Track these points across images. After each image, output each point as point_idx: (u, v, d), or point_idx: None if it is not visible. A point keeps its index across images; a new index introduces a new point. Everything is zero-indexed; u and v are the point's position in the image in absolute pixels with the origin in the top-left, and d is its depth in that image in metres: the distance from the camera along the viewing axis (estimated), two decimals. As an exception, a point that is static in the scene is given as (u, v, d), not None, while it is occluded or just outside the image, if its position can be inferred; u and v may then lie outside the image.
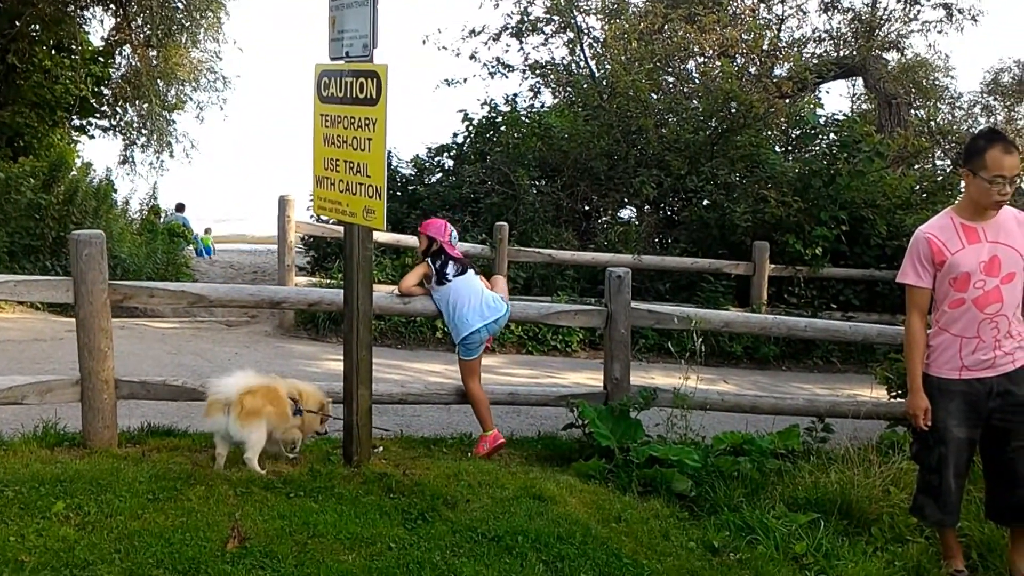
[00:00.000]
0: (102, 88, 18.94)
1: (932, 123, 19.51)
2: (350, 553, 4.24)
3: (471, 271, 6.40)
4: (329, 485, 5.04)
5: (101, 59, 18.49)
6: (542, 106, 17.24)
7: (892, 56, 19.88)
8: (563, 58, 18.84)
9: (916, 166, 16.27)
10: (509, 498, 5.18)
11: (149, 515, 4.41)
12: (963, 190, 4.75)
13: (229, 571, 3.93)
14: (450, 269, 6.27)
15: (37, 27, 16.20)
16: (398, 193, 14.76)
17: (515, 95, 16.86)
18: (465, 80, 18.66)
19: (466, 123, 15.75)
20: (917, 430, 4.67)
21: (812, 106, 15.13)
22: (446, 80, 18.57)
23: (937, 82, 23.02)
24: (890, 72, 18.43)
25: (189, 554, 4.03)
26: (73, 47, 17.49)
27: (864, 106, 21.95)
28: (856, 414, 6.90)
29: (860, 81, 20.75)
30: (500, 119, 15.76)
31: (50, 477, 4.75)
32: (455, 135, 16.05)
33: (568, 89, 17.87)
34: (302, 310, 10.18)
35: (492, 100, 16.04)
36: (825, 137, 14.22)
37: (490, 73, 18.77)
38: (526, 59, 18.56)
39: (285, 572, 3.99)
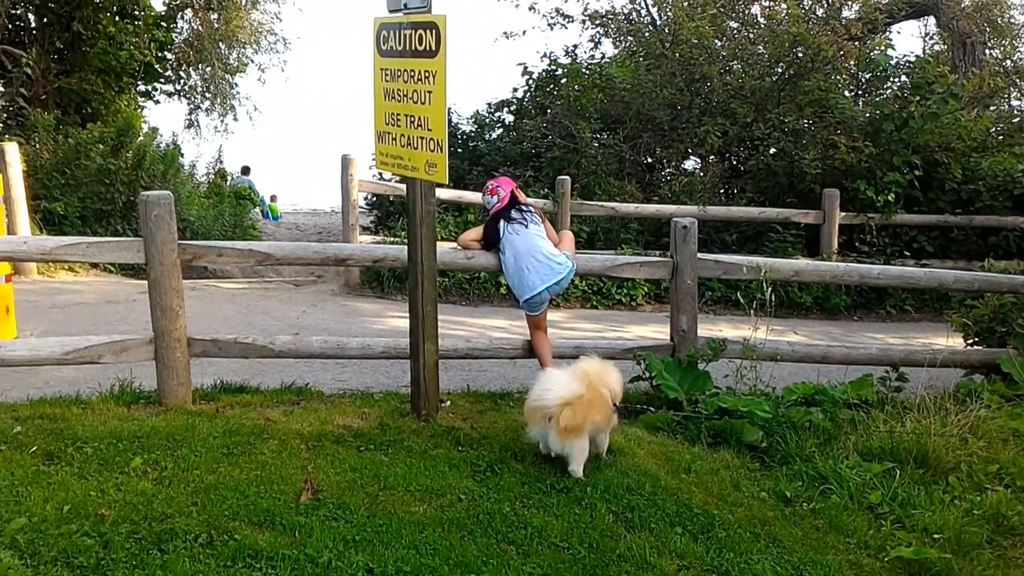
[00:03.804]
0: (165, 53, 19.14)
1: (1008, 62, 18.77)
2: (421, 504, 4.29)
3: (532, 226, 6.27)
4: (399, 439, 5.09)
5: (163, 24, 18.65)
6: (603, 57, 16.93)
7: (966, -7, 19.10)
8: (624, 6, 18.47)
9: (992, 107, 15.72)
10: (577, 450, 5.17)
11: (224, 469, 4.50)
12: None
13: (303, 522, 3.99)
14: (502, 228, 6.25)
15: (100, -6, 16.40)
16: (459, 150, 14.71)
17: (575, 46, 16.66)
18: (524, 32, 18.52)
19: (526, 77, 15.59)
20: None
21: (883, 48, 14.58)
22: (505, 33, 18.36)
23: (1013, 20, 22.10)
24: (963, 10, 17.69)
25: (264, 506, 4.10)
26: (136, 13, 17.63)
27: (937, 47, 21.13)
28: (932, 363, 6.73)
29: (932, 20, 19.94)
30: (560, 72, 15.57)
31: (127, 434, 4.88)
32: (515, 89, 15.91)
33: (629, 38, 17.52)
34: (367, 267, 10.29)
35: (552, 53, 15.86)
36: (897, 79, 13.77)
37: (549, 24, 18.43)
38: (586, 9, 18.21)
39: (358, 523, 4.04)
